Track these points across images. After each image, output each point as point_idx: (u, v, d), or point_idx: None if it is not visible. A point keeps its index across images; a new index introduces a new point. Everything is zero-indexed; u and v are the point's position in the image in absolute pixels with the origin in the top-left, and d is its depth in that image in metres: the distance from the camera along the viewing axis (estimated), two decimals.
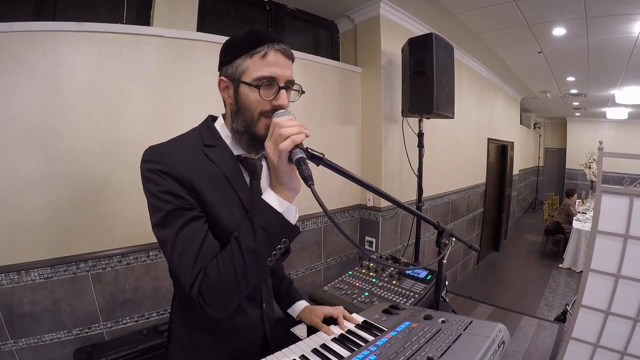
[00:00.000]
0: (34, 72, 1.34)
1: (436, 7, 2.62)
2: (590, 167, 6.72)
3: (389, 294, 1.37)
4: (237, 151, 0.81)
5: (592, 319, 1.56)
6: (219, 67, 0.79)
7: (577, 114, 8.38)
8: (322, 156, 0.67)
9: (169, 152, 0.74)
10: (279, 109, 0.73)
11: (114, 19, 1.68)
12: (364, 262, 1.65)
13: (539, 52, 3.63)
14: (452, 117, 2.40)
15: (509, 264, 5.46)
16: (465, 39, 3.33)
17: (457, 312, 1.35)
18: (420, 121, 2.41)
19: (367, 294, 1.40)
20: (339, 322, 0.94)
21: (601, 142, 1.64)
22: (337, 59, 2.76)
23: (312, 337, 0.88)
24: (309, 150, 0.66)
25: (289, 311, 1.11)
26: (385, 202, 2.60)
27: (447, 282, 1.62)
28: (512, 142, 6.14)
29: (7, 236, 1.33)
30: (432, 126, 2.90)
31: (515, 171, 6.64)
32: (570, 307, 2.75)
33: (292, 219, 0.69)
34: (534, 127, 9.39)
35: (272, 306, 1.00)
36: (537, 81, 5.22)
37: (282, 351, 0.81)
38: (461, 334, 0.76)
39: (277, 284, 1.11)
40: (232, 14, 2.24)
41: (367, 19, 2.56)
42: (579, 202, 6.52)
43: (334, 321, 0.96)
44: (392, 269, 1.53)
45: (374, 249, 2.69)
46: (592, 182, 6.72)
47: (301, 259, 2.40)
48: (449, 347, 0.71)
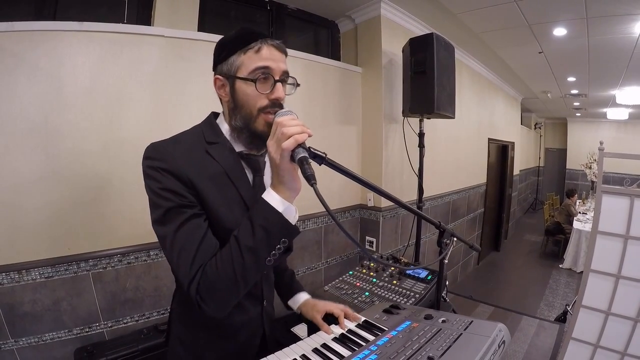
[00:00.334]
0: (34, 71, 1.34)
1: (437, 7, 2.62)
2: (590, 168, 6.72)
3: (390, 293, 1.37)
4: (238, 148, 0.81)
5: (593, 319, 1.55)
6: (213, 66, 0.80)
7: (578, 114, 8.38)
8: (324, 155, 0.67)
9: (170, 149, 0.74)
10: (277, 102, 0.74)
11: (114, 19, 1.68)
12: (365, 261, 1.65)
13: (539, 52, 3.63)
14: (453, 117, 2.40)
15: (510, 264, 5.45)
16: (466, 39, 3.32)
17: (458, 312, 1.35)
18: (421, 121, 2.40)
19: (367, 293, 1.39)
20: (340, 322, 0.94)
21: (602, 143, 1.64)
22: (337, 59, 2.76)
23: (312, 337, 0.88)
24: (312, 149, 0.66)
25: (289, 303, 1.10)
26: (385, 202, 2.61)
27: (447, 282, 1.62)
28: (513, 142, 6.14)
29: (8, 235, 1.33)
30: (433, 126, 2.89)
31: (515, 171, 6.63)
32: (570, 307, 2.75)
33: (292, 218, 0.69)
34: (535, 127, 9.38)
35: (273, 303, 1.00)
36: (537, 81, 5.22)
37: (282, 350, 0.81)
38: (462, 334, 0.76)
39: (278, 275, 1.10)
40: (233, 13, 2.24)
41: (368, 18, 2.56)
42: (580, 203, 6.52)
43: (334, 318, 0.96)
44: (392, 268, 1.52)
45: (375, 249, 2.69)
46: (592, 182, 6.73)
47: (302, 258, 2.40)
48: (450, 346, 0.71)
